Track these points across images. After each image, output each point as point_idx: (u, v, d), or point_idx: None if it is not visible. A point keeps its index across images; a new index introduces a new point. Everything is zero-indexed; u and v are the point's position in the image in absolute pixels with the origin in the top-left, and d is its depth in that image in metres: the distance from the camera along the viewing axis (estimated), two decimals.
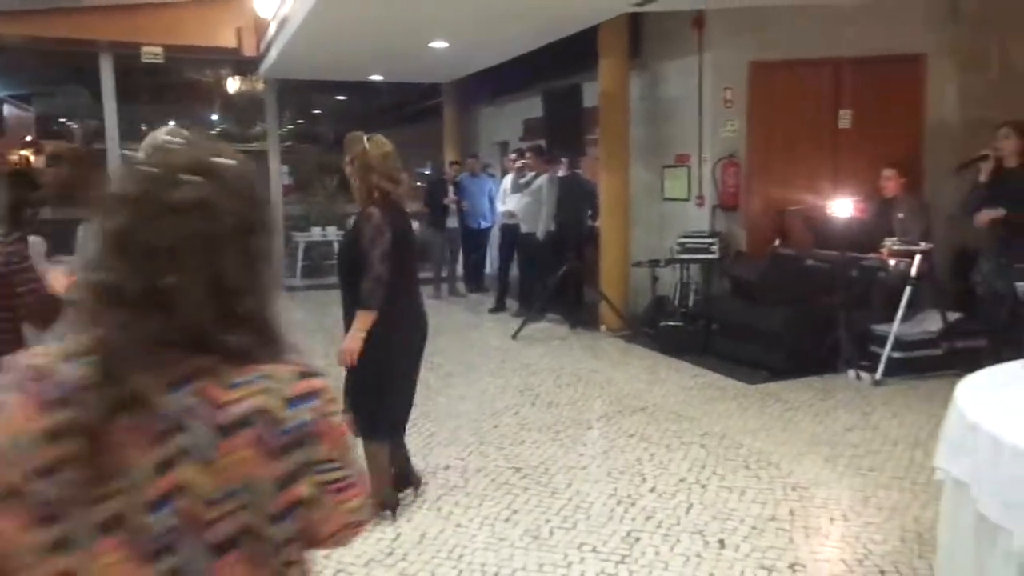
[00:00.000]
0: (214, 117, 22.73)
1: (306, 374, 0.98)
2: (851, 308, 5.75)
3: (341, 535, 1.01)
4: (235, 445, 0.90)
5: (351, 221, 3.56)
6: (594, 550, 3.22)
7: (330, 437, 0.97)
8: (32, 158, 16.09)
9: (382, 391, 3.33)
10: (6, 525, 0.88)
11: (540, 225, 8.01)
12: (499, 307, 8.64)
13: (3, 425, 0.90)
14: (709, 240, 6.71)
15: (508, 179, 8.68)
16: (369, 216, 3.22)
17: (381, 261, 3.17)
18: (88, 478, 0.87)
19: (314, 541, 0.99)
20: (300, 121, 19.28)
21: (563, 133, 7.45)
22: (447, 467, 4.14)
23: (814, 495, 3.71)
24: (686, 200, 7.22)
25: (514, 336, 7.26)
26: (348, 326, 3.29)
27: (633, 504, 3.65)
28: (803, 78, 6.81)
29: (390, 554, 3.19)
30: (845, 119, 6.72)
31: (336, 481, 0.97)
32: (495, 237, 9.36)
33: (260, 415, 0.92)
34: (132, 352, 0.90)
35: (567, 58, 7.89)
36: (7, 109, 16.72)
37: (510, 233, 8.61)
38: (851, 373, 5.64)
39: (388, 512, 3.47)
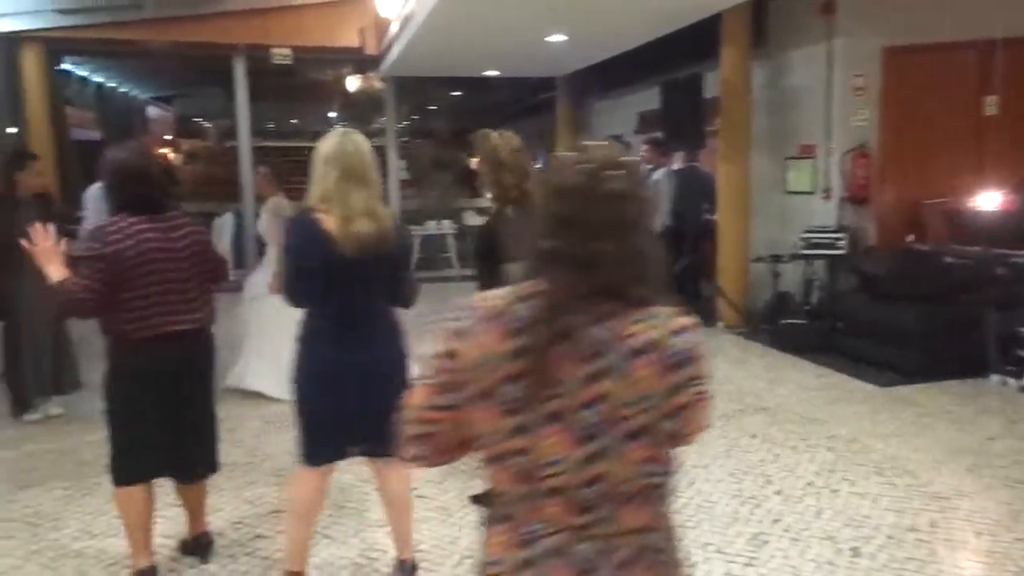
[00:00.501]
0: (331, 114, 23.64)
1: (681, 314, 1.28)
2: (996, 308, 5.37)
3: (695, 435, 1.31)
4: (640, 365, 1.21)
5: (465, 216, 3.61)
6: (719, 551, 3.16)
7: (699, 360, 1.26)
8: (171, 155, 17.26)
9: None
10: (484, 415, 1.27)
11: (657, 219, 7.86)
12: None
13: (477, 345, 1.27)
14: (836, 235, 6.43)
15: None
16: (504, 216, 3.28)
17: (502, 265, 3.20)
18: (538, 385, 1.23)
19: (680, 438, 1.29)
20: (415, 117, 19.74)
21: (682, 125, 7.31)
22: None
23: (957, 506, 3.51)
24: (810, 193, 6.94)
25: None
26: None
27: (759, 506, 3.56)
28: (943, 63, 6.39)
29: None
30: (992, 105, 6.26)
31: (701, 394, 1.27)
32: None
33: (654, 344, 1.22)
34: (568, 298, 1.24)
35: (686, 48, 7.72)
36: (151, 110, 17.93)
37: None
38: (995, 378, 5.29)
39: None
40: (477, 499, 3.48)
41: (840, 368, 5.77)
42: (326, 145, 2.62)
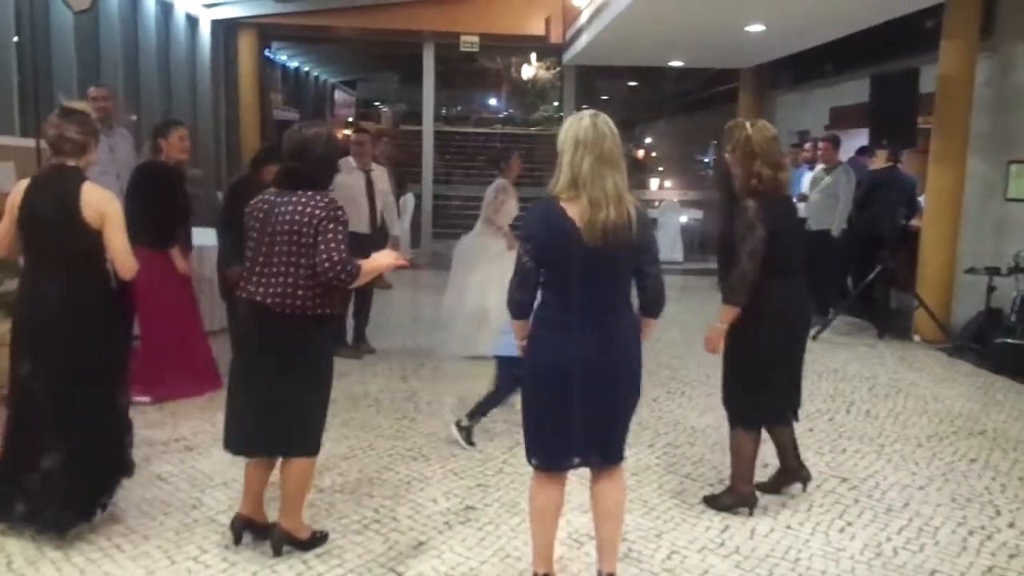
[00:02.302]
0: (492, 102, 24.03)
1: None
2: None
3: None
4: None
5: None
6: None
7: None
8: (352, 136, 18.22)
9: (757, 380, 3.33)
10: None
11: (836, 221, 7.33)
12: None
13: None
14: None
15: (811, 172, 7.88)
16: (744, 210, 3.17)
17: (750, 259, 3.13)
18: None
19: None
20: (585, 106, 19.74)
21: (893, 122, 6.83)
22: (765, 465, 4.02)
23: None
24: None
25: (814, 337, 6.86)
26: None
27: (989, 538, 3.29)
28: None
29: (721, 544, 3.18)
30: None
31: None
32: None
33: None
34: None
35: (898, 39, 7.23)
36: (337, 94, 19.03)
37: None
38: None
39: (747, 510, 3.40)
40: (708, 501, 3.51)
41: None
42: (576, 128, 2.53)
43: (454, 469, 3.86)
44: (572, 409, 2.57)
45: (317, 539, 3.03)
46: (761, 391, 3.36)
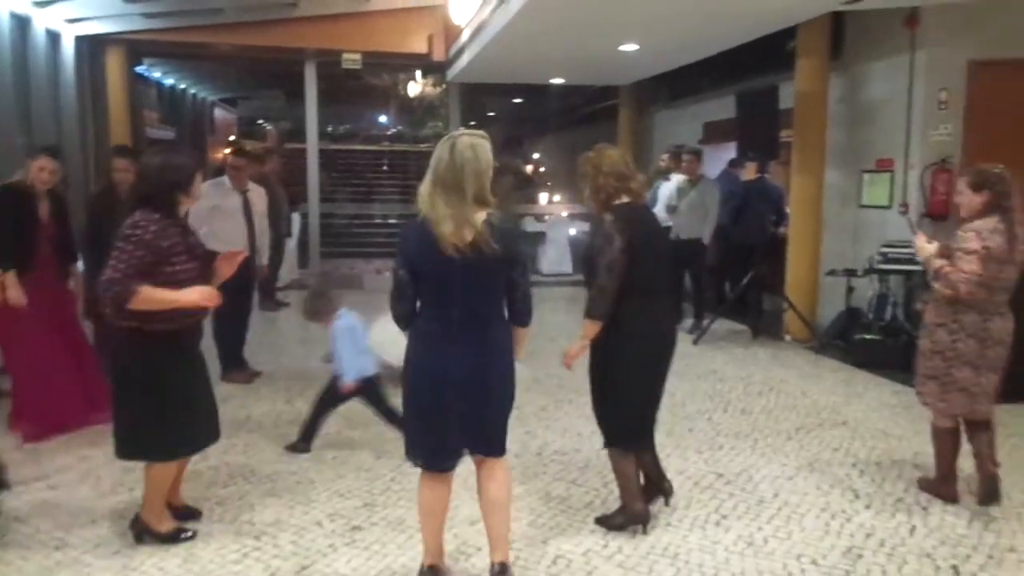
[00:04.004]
0: (382, 119, 23.88)
1: None
2: None
3: None
4: None
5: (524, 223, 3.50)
6: (814, 563, 3.14)
7: None
8: (228, 159, 17.65)
9: (618, 401, 3.30)
10: None
11: (707, 230, 7.65)
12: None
13: None
14: (915, 250, 6.30)
15: (672, 183, 7.98)
16: (602, 223, 3.22)
17: (608, 272, 3.12)
18: None
19: None
20: (472, 123, 19.91)
21: (758, 135, 7.25)
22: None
23: None
24: (887, 207, 6.83)
25: (695, 342, 7.17)
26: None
27: (849, 520, 3.53)
28: None
29: (605, 546, 3.27)
30: None
31: None
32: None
33: None
34: None
35: (761, 58, 7.69)
36: (217, 111, 18.41)
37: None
38: None
39: (639, 527, 3.36)
40: (601, 521, 3.45)
41: None
42: (439, 150, 2.66)
43: (339, 490, 3.80)
44: (448, 415, 2.70)
45: (179, 536, 3.21)
46: (623, 412, 3.32)
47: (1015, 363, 5.34)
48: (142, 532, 3.19)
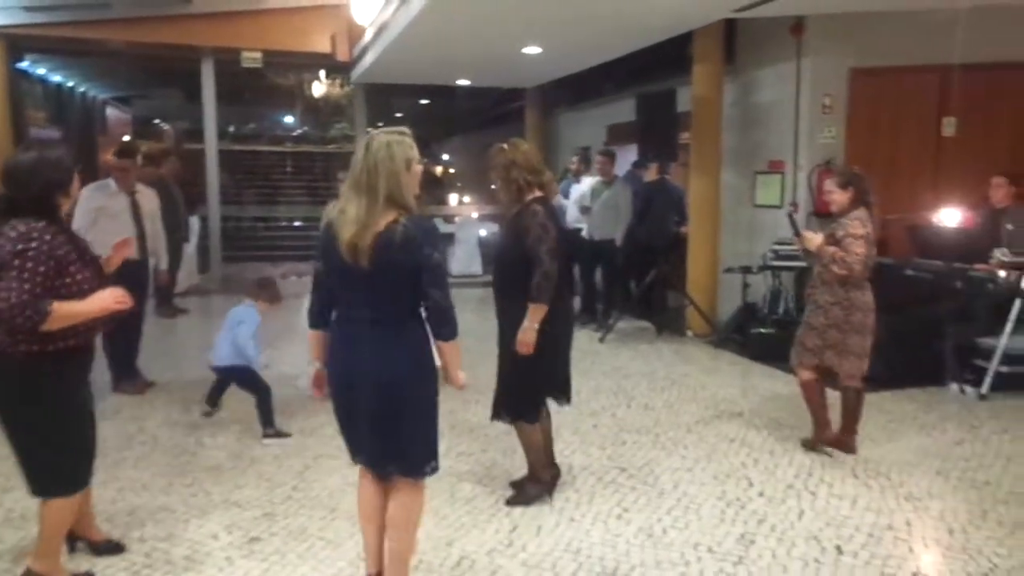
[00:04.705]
0: (289, 120, 23.34)
1: None
2: (955, 320, 5.61)
3: None
4: None
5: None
6: (710, 550, 3.26)
7: None
8: (112, 161, 16.86)
9: (534, 378, 3.54)
10: None
11: (619, 231, 7.83)
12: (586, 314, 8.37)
13: None
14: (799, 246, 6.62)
15: (584, 185, 8.15)
16: (534, 214, 3.35)
17: (551, 257, 3.31)
18: None
19: None
20: (380, 124, 19.70)
21: (657, 137, 7.46)
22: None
23: (928, 507, 3.67)
24: (778, 207, 7.15)
25: (601, 340, 7.31)
26: (505, 320, 3.51)
27: (743, 507, 3.68)
28: (906, 85, 6.69)
29: (509, 545, 3.29)
30: (949, 127, 6.57)
31: None
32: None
33: None
34: None
35: (660, 63, 7.91)
36: (109, 111, 17.55)
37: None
38: (954, 386, 5.52)
39: (546, 495, 3.70)
40: (512, 501, 3.70)
41: None
42: (357, 152, 2.63)
43: (238, 500, 3.69)
44: (357, 417, 2.67)
45: None
46: (538, 387, 3.61)
47: (889, 354, 5.73)
48: None
